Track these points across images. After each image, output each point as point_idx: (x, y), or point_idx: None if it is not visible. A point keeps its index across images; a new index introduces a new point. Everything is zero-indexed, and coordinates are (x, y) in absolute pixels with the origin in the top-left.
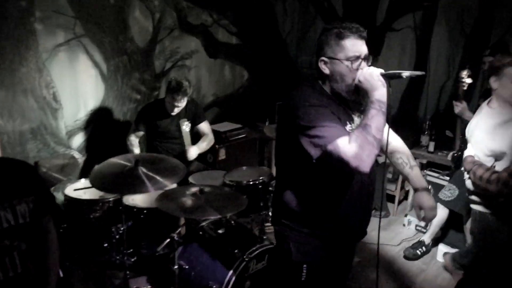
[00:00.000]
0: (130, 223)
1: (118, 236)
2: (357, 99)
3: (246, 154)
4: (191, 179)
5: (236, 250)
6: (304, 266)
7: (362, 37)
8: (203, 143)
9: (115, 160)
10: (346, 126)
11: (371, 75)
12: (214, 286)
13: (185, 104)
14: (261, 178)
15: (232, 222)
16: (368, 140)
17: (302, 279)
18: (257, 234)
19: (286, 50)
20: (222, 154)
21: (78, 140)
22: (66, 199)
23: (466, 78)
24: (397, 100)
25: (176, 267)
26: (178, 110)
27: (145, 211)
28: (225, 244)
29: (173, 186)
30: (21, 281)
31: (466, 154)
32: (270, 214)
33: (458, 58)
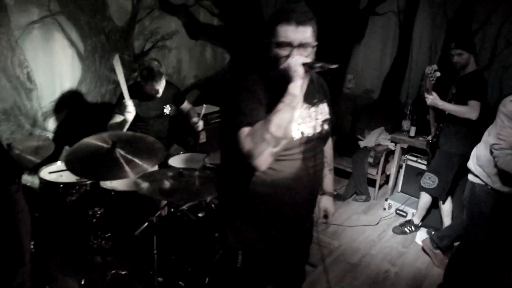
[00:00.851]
0: (105, 206)
1: (95, 220)
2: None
3: None
4: (171, 162)
5: (216, 234)
6: (239, 252)
7: (298, 23)
8: (197, 112)
9: (90, 140)
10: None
11: (289, 65)
12: (194, 271)
13: (164, 83)
14: None
15: (212, 206)
16: (264, 137)
17: (238, 265)
18: None
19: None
20: (203, 137)
21: (54, 122)
22: (42, 183)
23: (434, 72)
24: (379, 84)
25: (155, 252)
26: (162, 91)
27: (123, 194)
28: (205, 227)
29: (153, 168)
30: None
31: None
32: None
33: (441, 42)
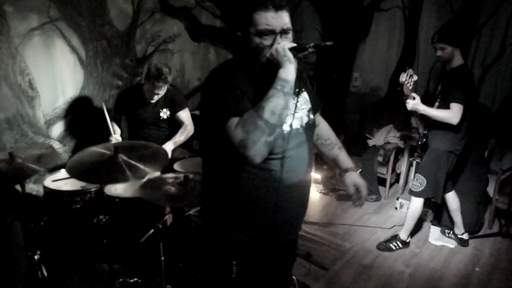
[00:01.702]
0: (110, 214)
1: (100, 227)
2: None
3: None
4: (176, 166)
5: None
6: (233, 263)
7: (276, 7)
8: (181, 137)
9: (94, 148)
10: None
11: (277, 51)
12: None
13: (164, 92)
14: None
15: None
16: (257, 124)
17: (233, 276)
18: None
19: None
20: None
21: (58, 129)
22: (46, 191)
23: (409, 78)
24: (386, 81)
25: (162, 259)
26: (158, 98)
27: (127, 201)
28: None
29: (156, 173)
30: None
31: None
32: None
33: None
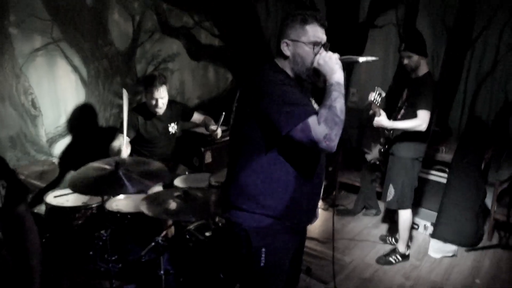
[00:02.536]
0: (111, 228)
1: (101, 243)
2: (315, 82)
3: None
4: (176, 182)
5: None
6: (262, 250)
7: (323, 25)
8: (211, 121)
9: (96, 164)
10: None
11: (330, 58)
12: None
13: (166, 96)
14: None
15: (219, 224)
16: (335, 120)
17: (261, 265)
18: None
19: (269, 51)
20: (208, 157)
21: (60, 147)
22: (48, 207)
23: (377, 96)
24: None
25: (162, 272)
26: (163, 106)
27: (129, 216)
28: (212, 247)
29: (157, 189)
30: None
31: None
32: None
33: (442, 51)
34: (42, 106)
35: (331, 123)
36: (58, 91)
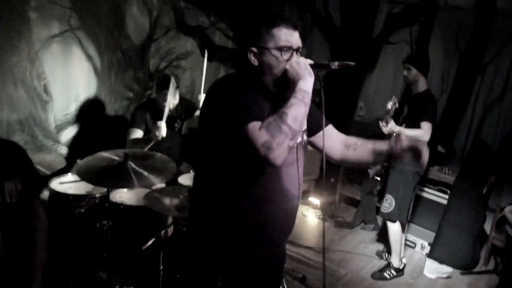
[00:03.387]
0: (113, 220)
1: (102, 233)
2: (283, 92)
3: None
4: (180, 180)
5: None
6: (218, 278)
7: (294, 26)
8: None
9: (105, 154)
10: None
11: (299, 64)
12: None
13: (178, 99)
14: None
15: None
16: (281, 128)
17: None
18: None
19: None
20: None
21: (67, 134)
22: (52, 194)
23: (394, 105)
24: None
25: (161, 268)
26: (171, 107)
27: (131, 209)
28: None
29: (161, 185)
30: (4, 264)
31: None
32: None
33: (453, 73)
34: (54, 92)
35: (275, 130)
36: (70, 79)
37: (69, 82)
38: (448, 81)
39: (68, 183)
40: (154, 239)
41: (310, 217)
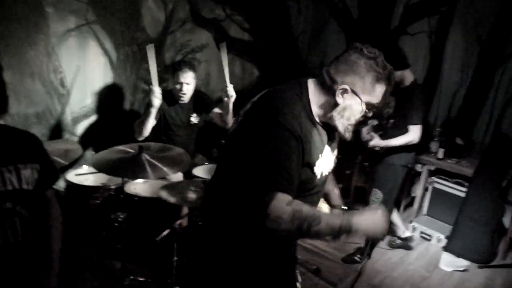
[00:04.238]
0: (128, 211)
1: (117, 224)
2: (328, 131)
3: None
4: (195, 172)
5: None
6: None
7: (390, 86)
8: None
9: (120, 147)
10: (317, 159)
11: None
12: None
13: (193, 83)
14: None
15: None
16: (302, 227)
17: None
18: None
19: (297, 50)
20: None
21: (83, 127)
22: (68, 185)
23: (371, 127)
24: None
25: (175, 259)
26: (187, 92)
27: (146, 200)
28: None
29: (177, 177)
30: (21, 251)
31: None
32: None
33: (473, 65)
34: (70, 86)
35: (295, 222)
36: (86, 72)
37: (85, 76)
38: (468, 72)
39: (83, 175)
40: (168, 230)
41: (324, 208)
